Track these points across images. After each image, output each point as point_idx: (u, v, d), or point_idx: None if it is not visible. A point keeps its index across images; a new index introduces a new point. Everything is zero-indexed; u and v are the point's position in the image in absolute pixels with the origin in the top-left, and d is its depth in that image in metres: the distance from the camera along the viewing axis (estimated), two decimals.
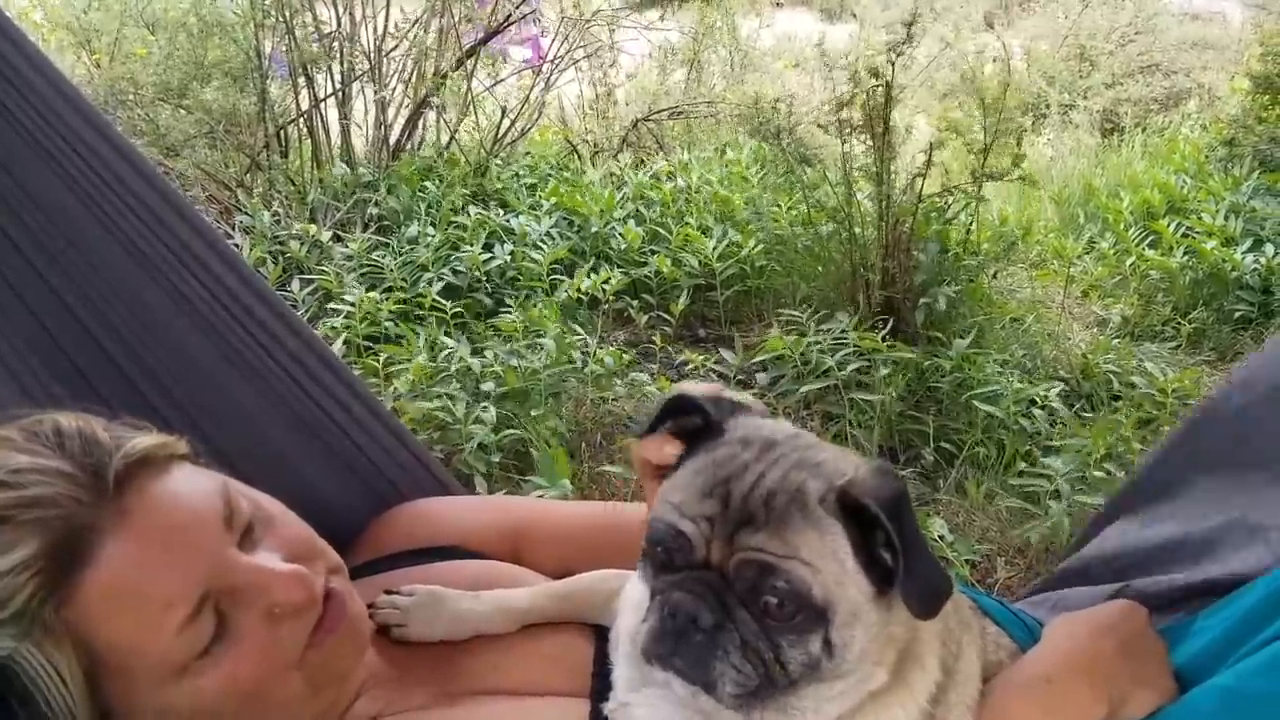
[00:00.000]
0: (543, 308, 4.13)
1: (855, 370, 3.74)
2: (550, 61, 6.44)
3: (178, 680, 0.98)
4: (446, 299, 4.18)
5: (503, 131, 6.17)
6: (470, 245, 4.68)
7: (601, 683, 1.18)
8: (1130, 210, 5.91)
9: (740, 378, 4.07)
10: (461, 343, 3.76)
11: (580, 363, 3.80)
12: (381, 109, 5.74)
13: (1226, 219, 5.46)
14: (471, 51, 5.78)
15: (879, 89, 3.80)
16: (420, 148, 6.04)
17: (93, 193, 1.44)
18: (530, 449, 3.30)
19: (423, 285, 4.38)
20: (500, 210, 5.24)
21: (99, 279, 1.45)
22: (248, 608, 1.02)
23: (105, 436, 1.04)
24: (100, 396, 1.41)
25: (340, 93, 5.65)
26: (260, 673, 1.03)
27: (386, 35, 5.68)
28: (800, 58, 9.57)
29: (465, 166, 5.77)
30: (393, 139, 5.83)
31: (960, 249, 4.48)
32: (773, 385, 4.00)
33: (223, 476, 1.11)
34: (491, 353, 3.70)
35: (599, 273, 4.61)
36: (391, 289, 4.35)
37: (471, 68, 5.91)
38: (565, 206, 5.31)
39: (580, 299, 4.44)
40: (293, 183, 5.48)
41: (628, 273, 4.73)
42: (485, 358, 3.65)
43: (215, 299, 1.49)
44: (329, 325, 3.99)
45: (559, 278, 4.61)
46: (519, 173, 5.97)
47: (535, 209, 5.28)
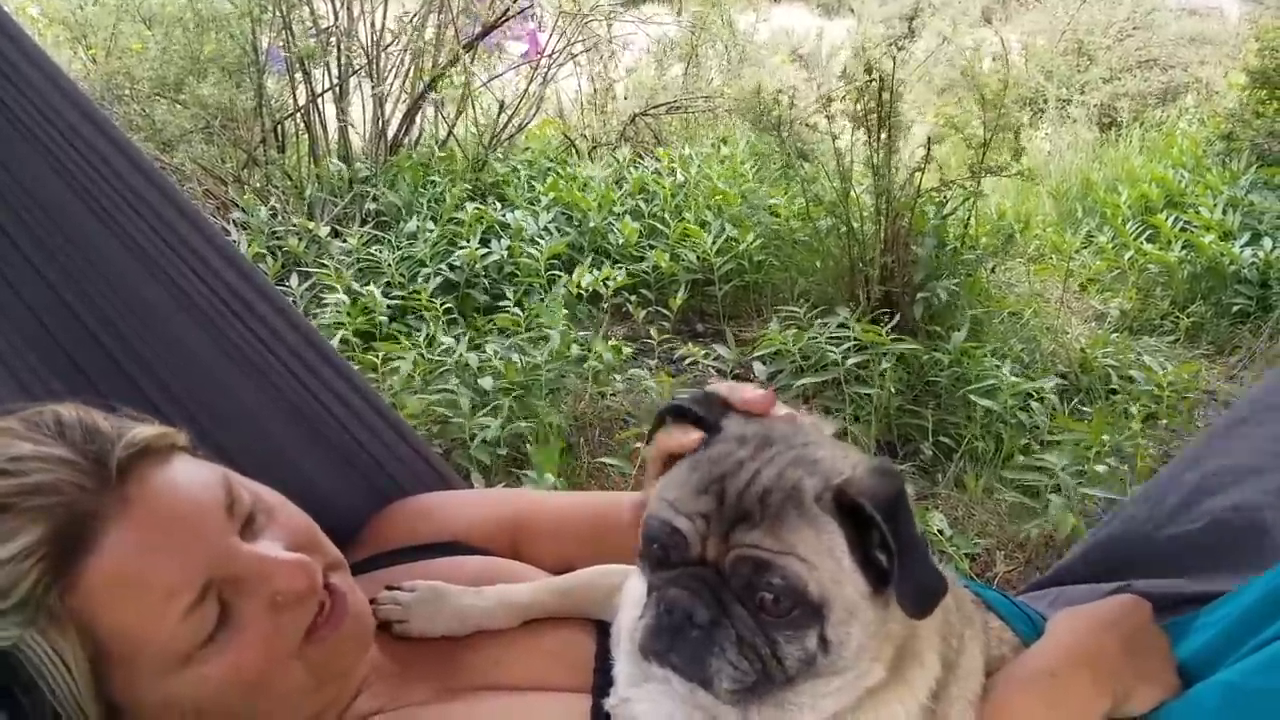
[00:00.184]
0: (547, 303, 4.12)
1: (854, 365, 3.74)
2: (548, 56, 6.42)
3: (181, 669, 0.98)
4: (444, 294, 4.17)
5: (500, 126, 6.16)
6: (468, 240, 4.67)
7: (603, 678, 1.17)
8: (1128, 205, 5.91)
9: (737, 372, 4.07)
10: (462, 339, 3.76)
11: (579, 358, 3.80)
12: (379, 104, 5.72)
13: (1224, 213, 5.46)
14: (469, 46, 5.77)
15: (880, 84, 3.80)
16: (418, 143, 6.03)
17: (91, 188, 1.43)
18: (527, 444, 3.30)
19: (420, 281, 4.37)
20: (498, 205, 5.24)
21: (97, 275, 1.44)
22: (250, 596, 1.02)
23: (107, 426, 1.04)
24: (99, 392, 1.40)
25: (337, 87, 5.64)
26: (263, 662, 1.02)
27: (384, 29, 5.66)
28: (798, 52, 9.56)
29: (463, 161, 5.76)
30: (390, 134, 5.81)
31: (959, 243, 4.48)
32: (771, 380, 3.99)
33: (223, 468, 1.11)
34: (491, 348, 3.70)
35: (599, 269, 4.60)
36: (390, 284, 4.34)
37: (469, 62, 5.89)
38: (563, 201, 5.30)
39: (580, 294, 4.43)
40: (290, 178, 5.46)
41: (626, 268, 4.73)
42: (484, 353, 3.65)
43: (214, 294, 1.48)
44: (326, 320, 3.98)
45: (557, 273, 4.60)
46: (517, 167, 5.96)
47: (534, 204, 5.28)
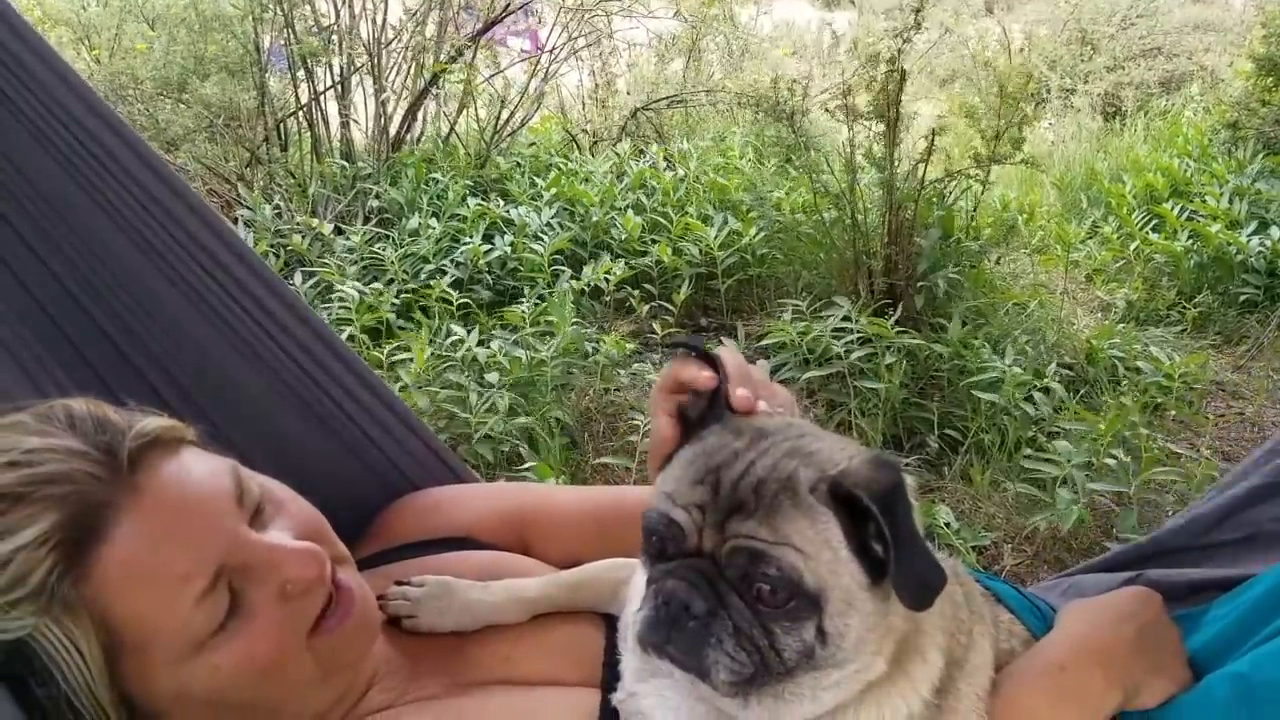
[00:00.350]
0: (557, 299, 4.12)
1: (859, 359, 3.73)
2: (549, 51, 6.41)
3: (194, 657, 0.98)
4: (450, 290, 4.17)
5: (502, 122, 6.15)
6: (471, 237, 4.67)
7: (612, 673, 1.17)
8: (1133, 194, 5.88)
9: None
10: (471, 333, 3.76)
11: (584, 353, 3.79)
12: (381, 101, 5.72)
13: (1231, 202, 5.43)
14: (471, 41, 5.76)
15: (888, 74, 3.78)
16: (420, 140, 6.03)
17: (98, 183, 1.43)
18: (531, 439, 3.30)
19: (424, 277, 4.37)
20: (500, 201, 5.23)
21: (105, 269, 1.44)
22: (260, 584, 1.02)
23: (117, 418, 1.04)
24: (106, 385, 1.40)
25: (339, 86, 5.63)
26: (274, 652, 1.03)
27: (385, 27, 5.66)
28: (799, 44, 9.53)
29: (465, 158, 5.76)
30: (392, 131, 5.81)
31: (963, 234, 4.46)
32: (775, 373, 3.98)
33: (231, 459, 1.11)
34: (496, 343, 3.70)
35: (600, 262, 4.59)
36: (393, 281, 4.34)
37: (471, 58, 5.89)
38: (565, 197, 5.29)
39: (583, 289, 4.43)
40: (293, 176, 5.47)
41: (629, 263, 4.72)
42: (489, 348, 3.65)
43: (224, 289, 1.48)
44: (333, 317, 3.98)
45: (560, 268, 4.60)
46: (519, 163, 5.95)
47: (536, 200, 5.27)
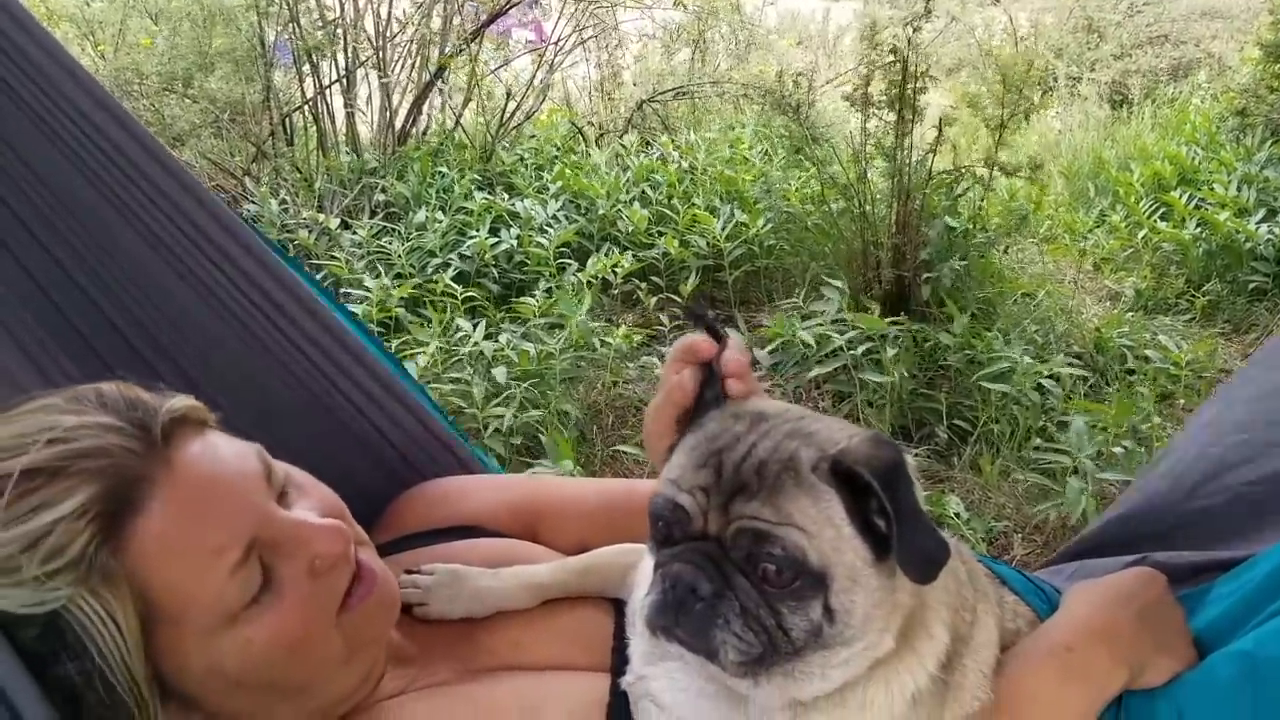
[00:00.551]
0: (570, 292, 4.13)
1: (866, 350, 3.73)
2: (555, 43, 6.41)
3: (228, 630, 1.00)
4: (455, 285, 4.18)
5: (508, 115, 6.15)
6: (477, 230, 4.67)
7: (621, 657, 1.17)
8: (1141, 183, 5.85)
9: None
10: (478, 328, 3.77)
11: (593, 346, 3.80)
12: (386, 95, 5.73)
13: (1239, 190, 5.40)
14: (476, 34, 5.76)
15: (899, 64, 3.77)
16: (426, 133, 6.04)
17: (106, 178, 1.44)
18: (540, 433, 3.30)
19: (430, 271, 4.37)
20: (506, 194, 5.23)
21: (112, 261, 1.45)
22: (290, 559, 1.04)
23: (147, 396, 1.07)
24: (116, 377, 1.41)
25: (345, 79, 5.64)
26: (304, 627, 1.04)
27: (391, 20, 5.66)
28: (804, 35, 9.49)
29: (471, 151, 5.76)
30: (398, 125, 5.82)
31: (971, 224, 4.45)
32: (778, 369, 3.98)
33: (255, 443, 1.13)
34: (505, 337, 3.71)
35: (607, 255, 4.60)
36: (400, 275, 4.35)
37: (476, 51, 5.89)
38: (571, 189, 5.29)
39: (590, 282, 4.44)
40: (299, 170, 5.48)
41: (636, 255, 4.73)
42: (497, 342, 3.66)
43: (232, 283, 1.50)
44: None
45: (566, 261, 4.60)
46: (524, 156, 5.96)
47: (542, 192, 5.27)
